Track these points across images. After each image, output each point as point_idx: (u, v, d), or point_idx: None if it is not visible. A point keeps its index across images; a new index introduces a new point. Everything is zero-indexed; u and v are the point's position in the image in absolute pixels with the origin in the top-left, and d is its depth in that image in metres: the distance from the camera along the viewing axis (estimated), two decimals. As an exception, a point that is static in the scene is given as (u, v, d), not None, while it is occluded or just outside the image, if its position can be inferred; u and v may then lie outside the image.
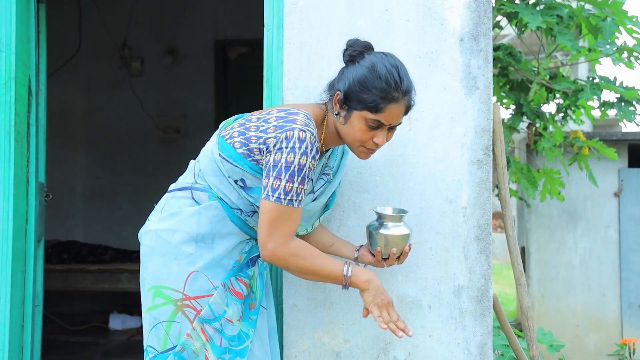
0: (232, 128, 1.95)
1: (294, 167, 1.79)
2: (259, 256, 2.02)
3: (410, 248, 2.02)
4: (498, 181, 2.61)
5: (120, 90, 6.23)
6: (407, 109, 1.90)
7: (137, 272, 4.72)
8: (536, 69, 3.68)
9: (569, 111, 3.92)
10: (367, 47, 1.91)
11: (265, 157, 1.84)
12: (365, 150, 1.93)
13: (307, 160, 1.80)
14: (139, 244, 2.05)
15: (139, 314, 5.05)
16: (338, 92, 1.89)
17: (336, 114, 1.91)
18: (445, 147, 2.34)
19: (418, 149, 2.35)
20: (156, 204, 2.07)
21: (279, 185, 1.80)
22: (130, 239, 5.96)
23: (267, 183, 1.81)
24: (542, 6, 3.37)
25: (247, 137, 1.88)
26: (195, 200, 1.95)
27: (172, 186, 2.05)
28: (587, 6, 3.37)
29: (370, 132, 1.87)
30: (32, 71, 2.73)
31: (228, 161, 1.90)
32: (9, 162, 2.53)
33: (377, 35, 2.37)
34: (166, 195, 2.03)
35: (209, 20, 6.21)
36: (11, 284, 2.53)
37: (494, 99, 3.84)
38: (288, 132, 1.80)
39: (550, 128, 3.99)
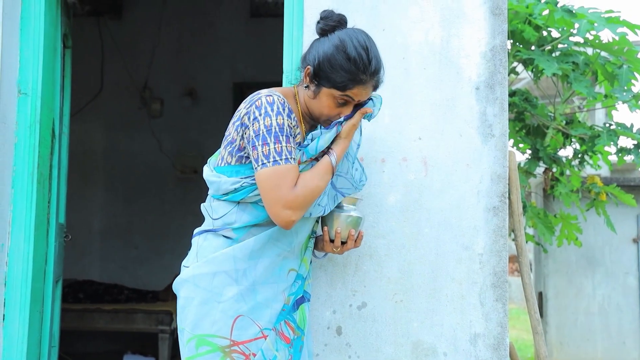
0: (220, 152, 1.98)
1: (275, 129, 1.82)
2: (303, 297, 2.01)
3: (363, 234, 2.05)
4: (514, 228, 2.60)
5: (139, 131, 6.33)
6: (375, 88, 1.93)
7: (152, 312, 4.76)
8: (552, 114, 3.70)
9: (585, 156, 3.91)
10: (341, 22, 1.93)
11: (245, 133, 1.86)
12: (330, 122, 1.94)
13: (283, 119, 1.83)
14: (154, 283, 2.03)
15: (153, 354, 5.07)
16: (308, 67, 1.91)
17: (306, 87, 1.94)
18: (461, 194, 2.35)
19: (434, 195, 2.36)
20: (171, 243, 2.06)
21: (269, 149, 1.81)
22: (146, 278, 6.00)
23: (257, 153, 1.82)
24: (558, 53, 3.40)
25: (231, 140, 1.91)
26: (225, 237, 1.93)
27: (197, 229, 2.04)
28: (603, 53, 3.40)
29: (337, 108, 1.91)
30: (56, 114, 2.80)
31: (233, 180, 1.90)
32: (30, 204, 2.57)
33: (394, 82, 2.40)
34: (195, 238, 2.00)
35: (228, 63, 6.32)
36: (29, 324, 2.54)
37: (511, 141, 3.85)
38: (257, 102, 1.85)
39: (567, 173, 3.98)
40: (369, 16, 2.44)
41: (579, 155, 3.90)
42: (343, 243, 2.02)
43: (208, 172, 2.00)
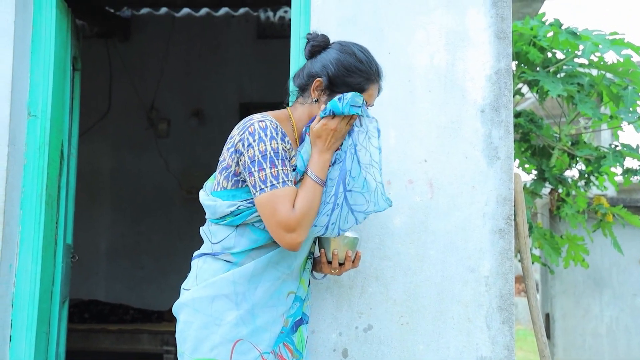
0: (215, 177, 1.99)
1: (270, 153, 1.83)
2: (302, 319, 2.01)
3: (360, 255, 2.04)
4: (520, 250, 2.60)
5: (146, 151, 6.36)
6: (380, 89, 2.01)
7: (158, 333, 4.75)
8: (558, 135, 3.71)
9: (592, 177, 3.91)
10: (327, 42, 1.99)
11: (240, 159, 1.87)
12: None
13: (277, 143, 1.84)
14: (160, 303, 2.04)
15: (159, 375, 5.04)
16: (319, 79, 1.93)
17: (315, 101, 1.95)
18: (467, 216, 2.36)
19: (440, 217, 2.37)
20: (178, 263, 2.06)
21: (265, 174, 1.82)
22: (151, 298, 5.99)
23: (254, 179, 1.83)
24: (562, 74, 3.42)
25: (226, 166, 1.92)
26: (225, 261, 1.94)
27: (196, 252, 2.05)
28: (608, 75, 3.42)
29: None
30: (65, 136, 2.82)
31: (229, 203, 1.90)
32: (38, 225, 2.59)
33: (399, 104, 2.42)
34: (195, 261, 2.01)
35: (235, 84, 6.37)
36: (35, 345, 2.55)
37: (516, 162, 3.86)
38: (249, 128, 1.86)
39: (573, 193, 3.98)
40: (375, 39, 2.46)
41: (585, 176, 3.90)
42: (341, 264, 2.02)
43: (204, 197, 2.01)
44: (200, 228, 2.04)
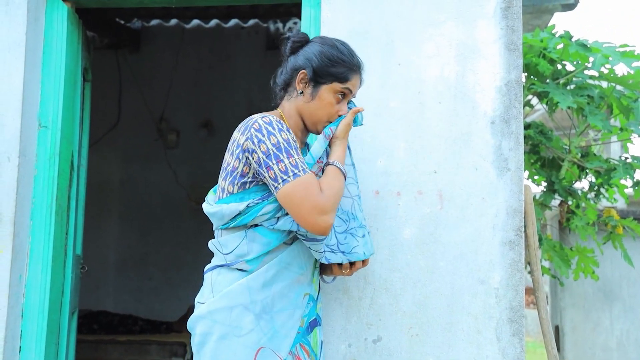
0: (219, 186, 1.99)
1: (283, 144, 1.84)
2: (316, 320, 2.01)
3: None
4: (530, 262, 2.59)
5: (155, 162, 6.38)
6: (362, 81, 2.05)
7: (166, 344, 4.74)
8: (567, 147, 3.69)
9: (602, 189, 3.89)
10: (307, 38, 2.04)
11: (253, 157, 1.86)
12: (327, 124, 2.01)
13: (287, 134, 1.86)
14: (168, 314, 2.03)
15: (167, 387, 5.03)
16: (303, 71, 1.97)
17: (300, 93, 1.99)
18: (477, 228, 2.35)
19: (449, 228, 2.36)
20: (186, 274, 2.06)
21: (285, 165, 1.82)
22: (159, 310, 5.99)
23: (274, 172, 1.82)
24: (572, 86, 3.41)
25: (231, 170, 1.91)
26: (239, 270, 1.93)
27: (208, 266, 2.03)
28: (619, 87, 3.41)
29: (336, 105, 1.98)
30: (75, 147, 2.84)
31: (235, 210, 1.90)
32: (48, 235, 2.60)
33: (409, 116, 2.42)
34: (208, 274, 1.99)
35: (244, 95, 6.39)
36: (44, 356, 2.55)
37: (526, 174, 3.84)
38: (254, 125, 1.87)
39: (583, 205, 3.96)
40: (384, 51, 2.47)
41: (595, 188, 3.88)
42: (351, 264, 2.03)
43: (207, 207, 2.01)
44: (210, 242, 2.03)
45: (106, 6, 2.84)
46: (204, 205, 2.04)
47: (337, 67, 1.95)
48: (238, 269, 1.93)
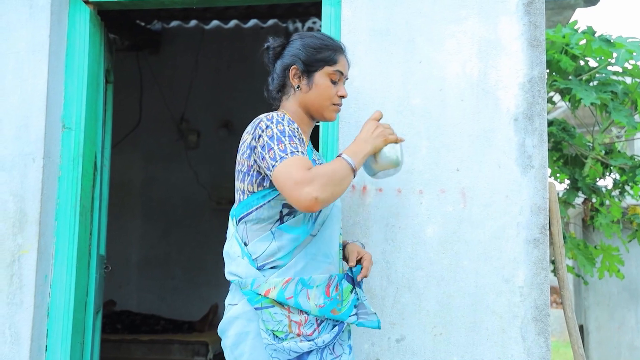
0: (237, 189, 2.02)
1: (276, 134, 1.85)
2: (347, 334, 2.01)
3: None
4: (555, 260, 2.56)
5: (176, 162, 6.42)
6: (348, 64, 2.10)
7: (189, 343, 4.76)
8: (591, 144, 3.65)
9: (626, 187, 3.84)
10: (284, 41, 2.11)
11: (255, 152, 1.89)
12: (334, 107, 2.04)
13: (284, 126, 1.88)
14: (191, 314, 2.02)
15: (189, 385, 5.06)
16: (294, 66, 2.03)
17: (297, 87, 2.04)
18: (501, 225, 2.33)
19: (473, 226, 2.34)
20: (208, 273, 2.06)
21: (274, 152, 1.82)
22: (182, 309, 6.02)
23: (266, 162, 1.84)
24: (595, 82, 3.37)
25: (247, 170, 1.94)
26: (270, 269, 1.92)
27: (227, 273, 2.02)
28: (643, 83, 3.36)
29: (334, 87, 2.03)
30: (98, 148, 2.86)
31: (260, 207, 1.93)
32: (73, 236, 2.62)
33: (431, 114, 2.41)
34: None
35: (263, 95, 6.38)
36: (70, 355, 2.57)
37: (548, 171, 3.80)
38: (260, 124, 1.91)
39: (607, 203, 3.91)
40: (406, 49, 2.46)
41: (620, 185, 3.83)
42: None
43: (233, 226, 2.05)
44: (224, 252, 2.04)
45: (127, 8, 2.86)
46: (230, 225, 2.06)
47: (323, 52, 2.02)
48: (270, 268, 1.92)
